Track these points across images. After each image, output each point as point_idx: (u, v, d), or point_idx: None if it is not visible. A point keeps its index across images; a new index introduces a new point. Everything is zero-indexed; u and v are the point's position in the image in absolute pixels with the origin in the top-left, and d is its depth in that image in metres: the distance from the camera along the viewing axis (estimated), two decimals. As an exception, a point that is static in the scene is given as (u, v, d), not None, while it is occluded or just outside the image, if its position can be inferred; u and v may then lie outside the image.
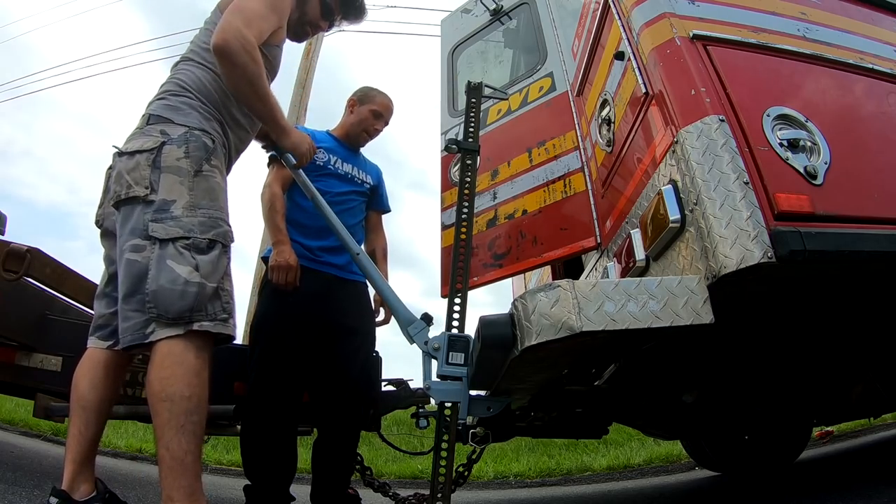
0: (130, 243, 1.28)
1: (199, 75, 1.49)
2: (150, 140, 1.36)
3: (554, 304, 1.10)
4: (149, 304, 1.23)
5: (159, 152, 1.34)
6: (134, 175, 1.32)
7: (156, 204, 1.30)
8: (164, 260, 1.26)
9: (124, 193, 1.31)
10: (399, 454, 2.80)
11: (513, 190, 2.04)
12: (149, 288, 1.24)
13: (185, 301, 1.24)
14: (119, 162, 1.37)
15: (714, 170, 1.14)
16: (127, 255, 1.27)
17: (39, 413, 2.11)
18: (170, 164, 1.33)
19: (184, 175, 1.34)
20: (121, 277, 1.28)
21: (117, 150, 1.41)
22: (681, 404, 2.07)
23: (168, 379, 1.19)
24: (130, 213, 1.31)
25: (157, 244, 1.26)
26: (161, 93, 1.49)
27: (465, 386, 1.51)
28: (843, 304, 1.41)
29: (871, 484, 2.00)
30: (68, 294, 2.12)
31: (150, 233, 1.27)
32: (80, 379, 1.40)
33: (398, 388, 2.26)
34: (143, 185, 1.30)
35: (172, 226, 1.28)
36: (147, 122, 1.42)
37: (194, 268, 1.27)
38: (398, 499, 2.20)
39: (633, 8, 1.46)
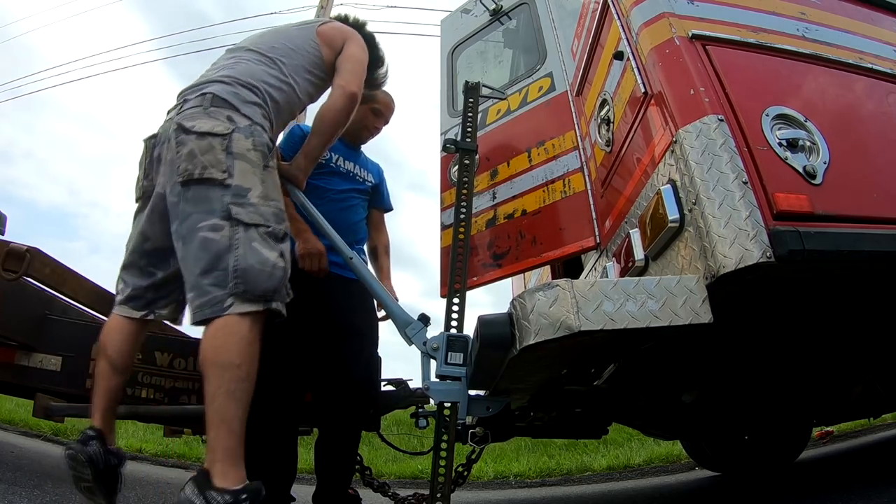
0: (208, 223, 1.32)
1: (272, 81, 1.59)
2: (220, 125, 1.41)
3: (552, 303, 1.10)
4: (236, 280, 1.29)
5: (230, 139, 1.39)
6: (209, 157, 1.36)
7: (233, 188, 1.36)
8: (251, 242, 1.33)
9: (198, 173, 1.35)
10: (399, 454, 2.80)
11: (512, 190, 2.04)
12: (238, 265, 1.30)
13: (271, 282, 1.34)
14: (188, 139, 1.39)
15: (713, 169, 1.14)
16: (204, 233, 1.32)
17: (39, 413, 2.11)
18: (241, 153, 1.40)
19: (255, 166, 1.41)
20: (192, 253, 1.33)
21: (180, 124, 1.41)
22: (680, 404, 2.07)
23: (221, 347, 1.26)
24: (206, 194, 1.35)
25: (240, 226, 1.33)
26: (226, 76, 1.53)
27: (465, 386, 1.51)
28: (843, 304, 1.40)
29: (871, 484, 2.00)
30: (68, 294, 2.12)
31: (232, 215, 1.33)
32: (108, 342, 1.48)
33: (397, 388, 2.26)
34: (220, 169, 1.36)
35: (252, 212, 1.36)
36: (211, 102, 1.45)
37: (279, 254, 1.38)
38: (398, 499, 2.21)
39: (633, 8, 1.46)
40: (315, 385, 1.98)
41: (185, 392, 2.19)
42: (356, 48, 1.79)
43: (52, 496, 1.85)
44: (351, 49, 1.78)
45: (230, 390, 1.22)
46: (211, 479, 1.17)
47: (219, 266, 1.30)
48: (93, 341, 2.13)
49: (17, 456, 3.03)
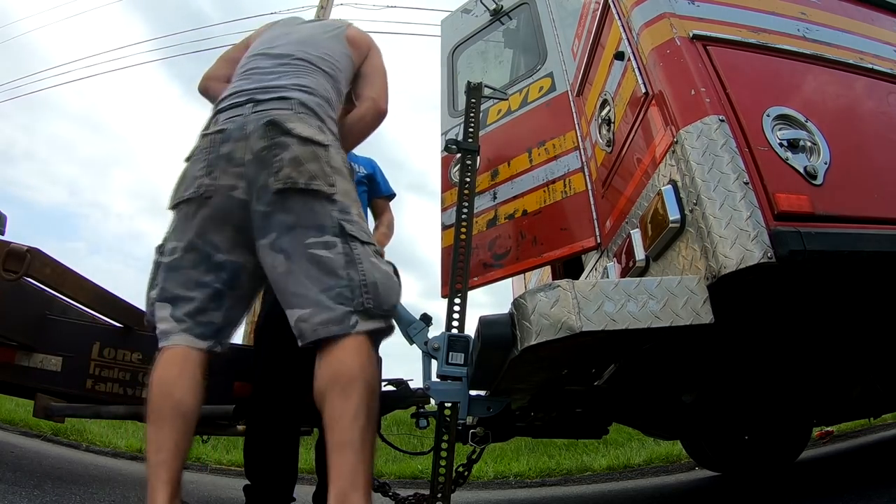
0: (320, 240, 1.23)
1: (334, 98, 1.50)
2: (320, 134, 1.32)
3: (554, 304, 1.10)
4: (366, 296, 1.21)
5: (329, 151, 1.31)
6: (314, 167, 1.26)
7: (339, 204, 1.27)
8: (370, 258, 1.26)
9: (304, 183, 1.24)
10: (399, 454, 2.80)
11: (513, 190, 2.04)
12: (365, 281, 1.22)
13: (395, 297, 1.29)
14: (290, 142, 1.27)
15: (714, 170, 1.14)
16: (316, 250, 1.22)
17: (39, 413, 2.11)
18: (339, 167, 1.32)
19: (350, 183, 1.35)
20: (304, 270, 1.21)
21: (276, 122, 1.28)
22: (681, 404, 2.07)
23: (365, 365, 1.16)
24: (312, 207, 1.25)
25: (356, 242, 1.26)
26: (302, 86, 1.41)
27: (465, 386, 1.51)
28: (843, 304, 1.40)
29: (871, 484, 2.00)
30: (68, 294, 2.12)
31: (347, 231, 1.25)
32: (174, 382, 1.23)
33: (398, 388, 2.26)
34: (328, 182, 1.27)
35: (360, 230, 1.29)
36: (300, 108, 1.34)
37: (393, 270, 1.33)
38: (398, 499, 2.20)
39: (633, 8, 1.46)
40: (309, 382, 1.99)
41: (185, 392, 2.19)
42: (381, 59, 1.73)
43: (52, 496, 1.85)
44: (378, 60, 1.71)
45: (369, 410, 1.12)
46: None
47: (342, 283, 1.21)
48: (93, 341, 2.14)
49: (17, 456, 3.03)
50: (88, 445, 4.62)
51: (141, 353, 2.15)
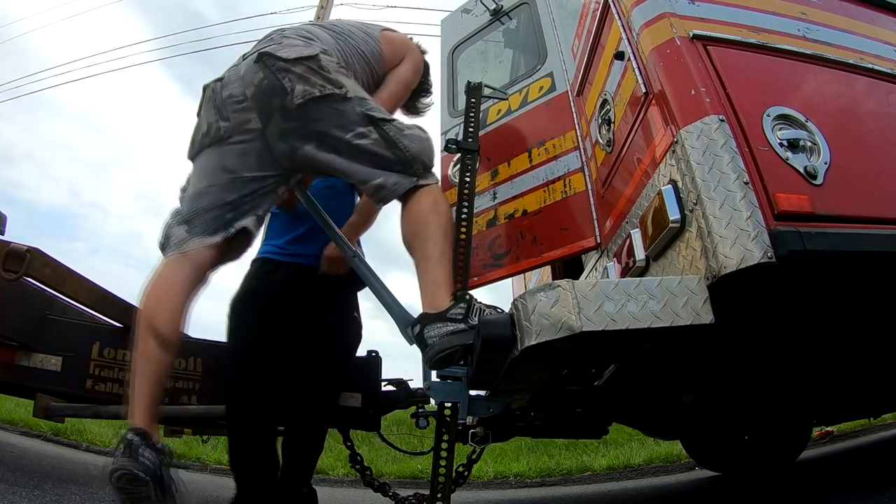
0: (355, 132, 1.45)
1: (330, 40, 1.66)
2: (305, 49, 1.50)
3: (554, 304, 1.09)
4: (415, 164, 1.47)
5: (319, 59, 1.48)
6: (317, 78, 1.45)
7: (355, 99, 1.48)
8: (402, 132, 1.49)
9: (318, 92, 1.44)
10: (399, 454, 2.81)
11: (513, 190, 2.04)
12: (409, 150, 1.47)
13: (432, 149, 1.54)
14: (287, 66, 1.45)
15: (714, 170, 1.14)
16: (357, 141, 1.45)
17: (39, 413, 2.11)
18: (335, 69, 1.51)
19: (350, 77, 1.55)
20: (357, 159, 1.46)
21: (267, 53, 1.47)
22: (681, 404, 2.07)
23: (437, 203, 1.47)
24: (335, 108, 1.45)
25: (384, 123, 1.48)
26: (287, 28, 1.67)
27: (465, 386, 1.51)
28: (844, 304, 1.40)
29: (870, 484, 2.00)
30: (68, 294, 2.12)
31: (375, 117, 1.47)
32: (156, 310, 1.33)
33: (398, 388, 2.26)
34: (336, 85, 1.46)
35: (382, 112, 1.51)
36: (282, 37, 1.55)
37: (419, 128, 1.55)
38: (398, 499, 2.20)
39: (633, 8, 1.45)
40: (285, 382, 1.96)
41: (185, 392, 2.19)
42: (409, 70, 1.88)
43: (52, 496, 1.85)
44: (405, 68, 1.87)
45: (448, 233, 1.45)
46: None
47: (392, 160, 1.46)
48: (93, 341, 2.14)
49: (17, 456, 3.03)
50: (88, 445, 4.62)
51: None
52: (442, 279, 1.39)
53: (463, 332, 1.31)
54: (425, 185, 1.48)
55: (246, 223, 1.49)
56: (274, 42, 1.53)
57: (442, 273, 1.40)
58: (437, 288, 1.38)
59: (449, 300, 1.36)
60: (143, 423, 1.21)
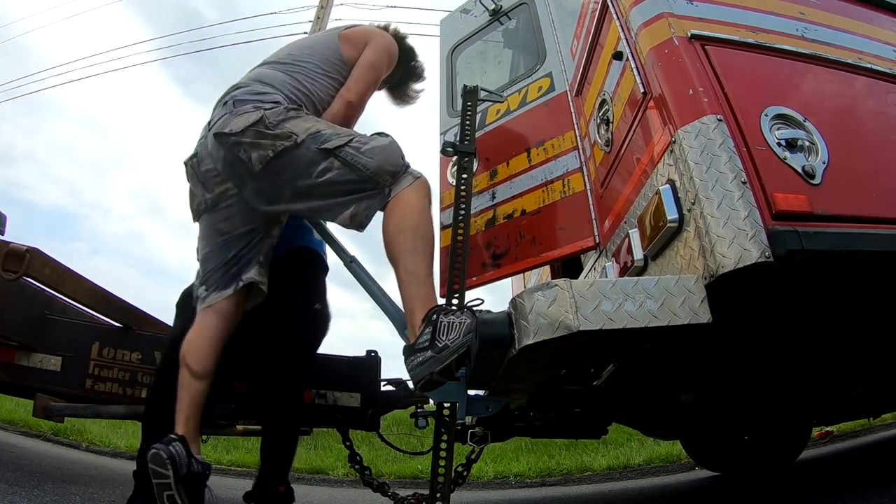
0: (317, 170, 1.53)
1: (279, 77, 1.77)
2: (254, 113, 1.58)
3: (551, 303, 1.10)
4: (382, 176, 1.52)
5: (265, 116, 1.56)
6: (268, 140, 1.53)
7: (307, 139, 1.54)
8: (360, 150, 1.54)
9: (272, 153, 1.53)
10: (398, 454, 2.81)
11: (511, 190, 2.04)
12: (370, 167, 1.52)
13: (398, 153, 1.57)
14: (238, 139, 1.55)
15: (712, 169, 1.14)
16: (322, 178, 1.53)
17: (39, 413, 2.11)
18: (282, 119, 1.58)
19: (298, 117, 1.61)
20: (327, 196, 1.54)
21: (219, 134, 1.58)
22: (680, 404, 2.07)
23: (411, 212, 1.50)
24: (293, 158, 1.53)
25: (342, 149, 1.53)
26: (239, 84, 1.75)
27: (464, 386, 1.51)
28: (842, 304, 1.40)
29: (870, 484, 2.00)
30: (68, 294, 2.12)
31: (330, 149, 1.52)
32: (189, 351, 1.60)
33: (397, 388, 2.26)
34: (286, 138, 1.54)
35: (336, 136, 1.56)
36: (234, 106, 1.64)
37: (382, 135, 1.61)
38: (397, 499, 2.20)
39: (632, 8, 1.46)
40: (252, 379, 1.96)
41: (184, 392, 2.19)
42: (372, 53, 1.90)
43: (52, 496, 1.85)
44: (367, 53, 1.89)
45: (412, 248, 1.47)
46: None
47: (359, 181, 1.52)
48: (92, 341, 2.14)
49: (17, 456, 3.03)
50: (88, 445, 4.62)
51: (140, 353, 2.15)
52: (417, 304, 1.43)
53: (429, 360, 1.34)
54: (397, 193, 1.53)
55: (251, 275, 1.68)
56: (227, 112, 1.62)
57: (416, 296, 1.44)
58: (411, 314, 1.44)
59: (420, 323, 1.40)
60: (183, 433, 1.48)
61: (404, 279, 1.45)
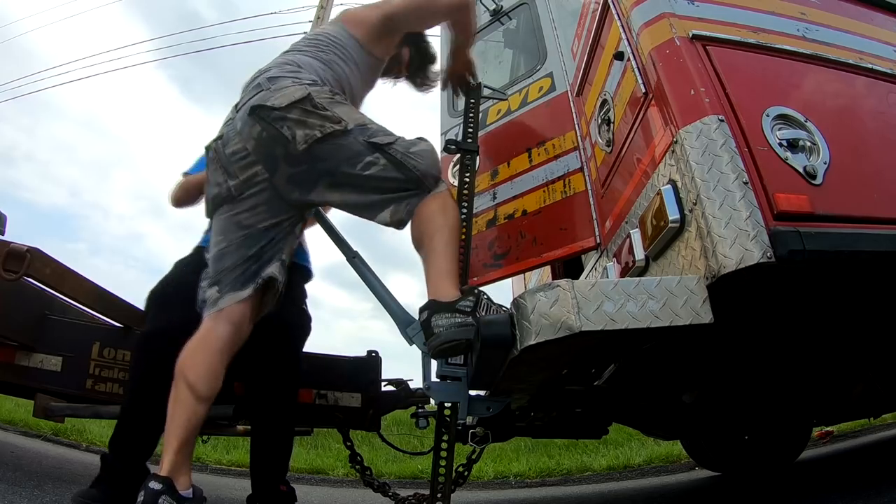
0: (362, 162, 1.45)
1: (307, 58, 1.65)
2: (298, 90, 1.48)
3: (553, 303, 1.10)
4: (425, 180, 1.47)
5: (310, 97, 1.46)
6: (314, 119, 1.44)
7: (355, 129, 1.47)
8: (407, 150, 1.48)
9: (319, 133, 1.43)
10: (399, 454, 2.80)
11: (512, 190, 2.04)
12: (417, 169, 1.47)
13: (437, 161, 1.53)
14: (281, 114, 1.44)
15: (713, 170, 1.14)
16: (367, 171, 1.45)
17: (39, 413, 2.11)
18: (329, 101, 1.49)
19: (347, 105, 1.55)
20: (372, 188, 1.47)
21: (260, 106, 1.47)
22: (681, 404, 2.08)
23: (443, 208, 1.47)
24: (339, 145, 1.45)
25: (390, 146, 1.47)
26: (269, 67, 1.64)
27: (465, 386, 1.51)
28: (843, 304, 1.40)
29: (871, 484, 2.00)
30: (68, 294, 2.12)
31: (379, 144, 1.47)
32: (189, 364, 1.40)
33: (398, 388, 2.26)
34: (334, 121, 1.45)
35: (385, 134, 1.50)
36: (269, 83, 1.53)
37: (424, 140, 1.56)
38: (398, 499, 2.21)
39: (633, 8, 1.46)
40: (245, 379, 1.93)
41: (185, 392, 2.19)
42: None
43: (52, 496, 1.85)
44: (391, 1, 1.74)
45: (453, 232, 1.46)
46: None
47: (404, 180, 1.46)
48: (93, 341, 2.14)
49: (17, 456, 3.03)
50: (88, 445, 4.62)
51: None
52: (447, 270, 1.40)
53: (469, 325, 1.30)
54: (435, 193, 1.49)
55: (271, 271, 1.51)
56: (263, 89, 1.51)
57: (447, 264, 1.41)
58: (443, 277, 1.38)
59: (457, 291, 1.36)
60: (168, 472, 1.25)
61: (439, 247, 1.41)
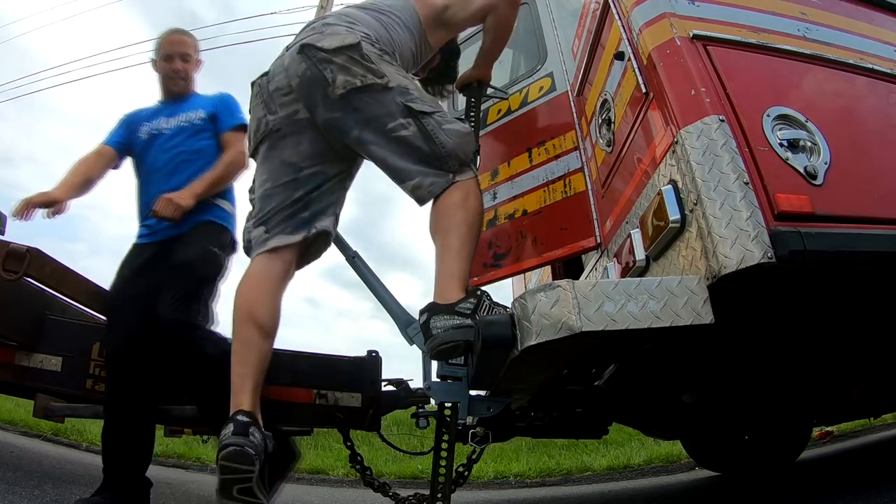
0: (395, 123, 1.44)
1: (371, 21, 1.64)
2: (347, 36, 1.48)
3: (554, 304, 1.10)
4: (452, 160, 1.45)
5: (361, 48, 1.47)
6: (358, 68, 1.44)
7: (396, 89, 1.46)
8: (441, 126, 1.46)
9: (360, 82, 1.43)
10: (399, 454, 2.80)
11: (513, 190, 2.04)
12: (445, 147, 1.45)
13: (471, 144, 1.53)
14: (328, 57, 1.45)
15: (714, 170, 1.14)
16: (396, 133, 1.44)
17: (39, 413, 2.11)
18: (377, 57, 1.49)
19: (394, 65, 1.52)
20: (395, 151, 1.46)
21: (308, 44, 1.47)
22: (681, 404, 2.08)
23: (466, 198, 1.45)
24: (376, 99, 1.45)
25: (426, 117, 1.46)
26: (328, 14, 1.75)
27: (465, 386, 1.52)
28: (844, 304, 1.40)
29: (871, 484, 2.00)
30: (68, 294, 2.11)
31: (415, 109, 1.45)
32: (255, 301, 1.44)
33: (398, 388, 2.26)
34: (378, 75, 1.45)
35: (423, 103, 1.49)
36: (324, 26, 1.55)
37: (460, 125, 1.53)
38: (398, 499, 2.20)
39: (633, 8, 1.45)
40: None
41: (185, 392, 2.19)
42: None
43: (52, 496, 1.85)
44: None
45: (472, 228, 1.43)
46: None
47: (429, 154, 1.45)
48: (93, 341, 2.14)
49: (17, 456, 3.03)
50: (88, 445, 4.61)
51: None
52: (456, 271, 1.38)
53: (468, 327, 1.30)
54: (460, 181, 1.47)
55: (325, 225, 1.55)
56: (316, 31, 1.53)
57: (458, 265, 1.39)
58: (451, 279, 1.37)
59: (460, 293, 1.35)
60: (251, 408, 1.31)
61: (454, 246, 1.40)
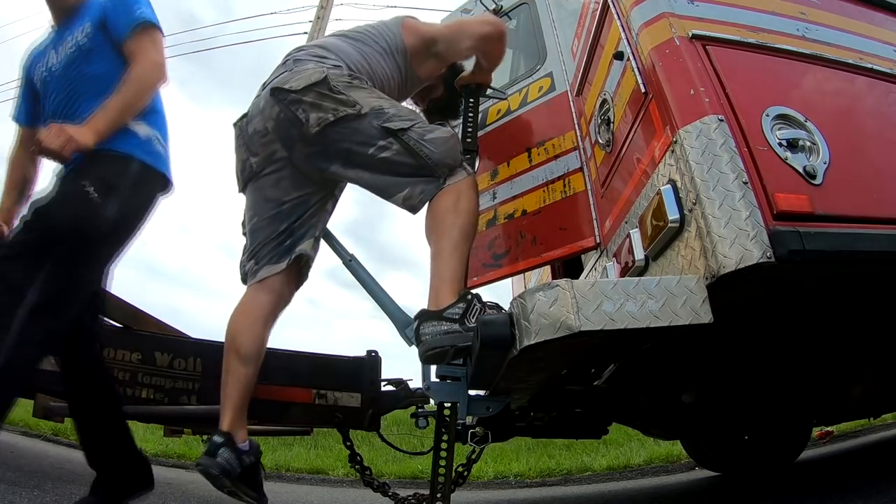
0: (375, 146, 1.48)
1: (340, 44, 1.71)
2: (314, 74, 1.52)
3: (553, 303, 1.10)
4: (439, 168, 1.50)
5: (328, 79, 1.51)
6: (328, 102, 1.48)
7: (370, 113, 1.50)
8: (422, 138, 1.50)
9: (332, 117, 1.47)
10: (399, 454, 2.80)
11: (512, 190, 2.04)
12: (431, 158, 1.49)
13: (457, 148, 1.57)
14: (297, 97, 1.49)
15: (713, 169, 1.14)
16: (379, 155, 1.49)
17: (39, 413, 2.11)
18: (346, 86, 1.52)
19: (363, 88, 1.56)
20: (381, 172, 1.51)
21: (276, 88, 1.52)
22: (680, 404, 2.07)
23: (457, 202, 1.48)
24: (352, 128, 1.49)
25: (405, 133, 1.49)
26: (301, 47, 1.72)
27: (465, 386, 1.52)
28: (843, 304, 1.40)
29: (871, 484, 2.00)
30: (68, 294, 2.11)
31: (392, 129, 1.48)
32: (237, 331, 1.55)
33: (398, 388, 2.26)
34: (349, 105, 1.49)
35: (400, 119, 1.52)
36: (294, 65, 1.59)
37: (443, 129, 1.57)
38: (398, 499, 2.20)
39: (633, 8, 1.45)
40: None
41: (185, 392, 2.19)
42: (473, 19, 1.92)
43: (52, 496, 1.85)
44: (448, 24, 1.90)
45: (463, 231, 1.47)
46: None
47: (416, 166, 1.49)
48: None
49: (17, 456, 3.03)
50: (88, 445, 4.61)
51: (140, 353, 2.14)
52: (447, 276, 1.41)
53: (455, 332, 1.32)
54: (451, 183, 1.50)
55: (303, 248, 1.63)
56: (287, 70, 1.57)
57: (449, 270, 1.42)
58: (442, 284, 1.41)
59: (451, 297, 1.37)
60: (228, 428, 1.45)
61: (445, 251, 1.43)
